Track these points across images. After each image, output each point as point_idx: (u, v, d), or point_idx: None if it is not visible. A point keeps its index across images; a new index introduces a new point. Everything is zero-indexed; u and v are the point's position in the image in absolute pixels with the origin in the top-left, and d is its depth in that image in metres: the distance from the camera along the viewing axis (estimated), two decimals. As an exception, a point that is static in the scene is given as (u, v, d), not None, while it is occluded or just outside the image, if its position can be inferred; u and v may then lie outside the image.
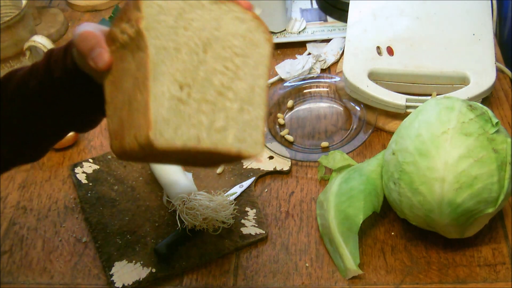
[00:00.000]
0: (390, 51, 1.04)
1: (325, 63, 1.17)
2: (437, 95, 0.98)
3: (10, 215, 0.96)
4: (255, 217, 0.91)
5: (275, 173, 0.98)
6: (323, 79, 1.13)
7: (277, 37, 1.24)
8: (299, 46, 1.23)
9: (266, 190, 0.96)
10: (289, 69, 1.16)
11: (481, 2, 1.10)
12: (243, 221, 0.90)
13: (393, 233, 0.87)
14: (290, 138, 1.03)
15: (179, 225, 0.86)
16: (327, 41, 1.23)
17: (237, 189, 0.94)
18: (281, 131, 1.05)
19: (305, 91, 1.12)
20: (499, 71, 1.09)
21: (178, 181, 0.92)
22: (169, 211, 0.92)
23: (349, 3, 1.16)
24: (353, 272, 0.81)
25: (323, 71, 1.17)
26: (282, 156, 0.99)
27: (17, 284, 0.86)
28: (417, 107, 0.86)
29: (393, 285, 0.81)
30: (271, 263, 0.85)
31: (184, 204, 0.86)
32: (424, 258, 0.83)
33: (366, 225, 0.86)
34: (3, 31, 1.14)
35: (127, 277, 0.84)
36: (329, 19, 1.29)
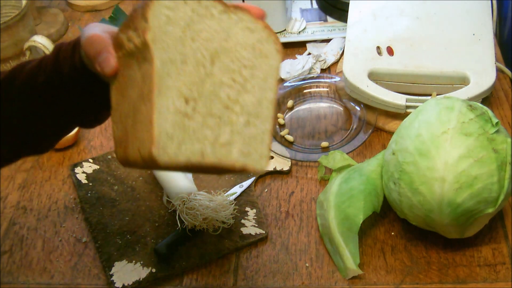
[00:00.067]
0: (390, 51, 1.04)
1: (325, 63, 1.17)
2: (437, 95, 0.98)
3: (10, 215, 0.96)
4: (255, 217, 0.91)
5: (275, 173, 0.98)
6: (323, 79, 1.13)
7: (277, 37, 1.24)
8: (299, 46, 1.23)
9: (266, 190, 0.96)
10: (289, 69, 1.16)
11: (481, 2, 1.10)
12: (243, 221, 0.90)
13: (393, 233, 0.87)
14: (290, 138, 1.03)
15: (179, 225, 0.86)
16: (327, 41, 1.23)
17: (237, 189, 0.94)
18: (281, 131, 1.05)
19: (305, 91, 1.12)
20: (499, 71, 1.08)
21: (178, 181, 0.91)
22: (169, 211, 0.92)
23: (349, 3, 1.16)
24: (353, 272, 0.81)
25: (323, 71, 1.17)
26: (282, 156, 0.99)
27: (17, 284, 0.86)
28: (417, 107, 0.86)
29: (393, 285, 0.81)
30: (271, 263, 0.85)
31: (184, 204, 0.86)
32: (424, 258, 0.83)
33: (366, 225, 0.86)
34: (3, 31, 1.14)
35: (127, 277, 0.84)
36: (329, 19, 1.29)
